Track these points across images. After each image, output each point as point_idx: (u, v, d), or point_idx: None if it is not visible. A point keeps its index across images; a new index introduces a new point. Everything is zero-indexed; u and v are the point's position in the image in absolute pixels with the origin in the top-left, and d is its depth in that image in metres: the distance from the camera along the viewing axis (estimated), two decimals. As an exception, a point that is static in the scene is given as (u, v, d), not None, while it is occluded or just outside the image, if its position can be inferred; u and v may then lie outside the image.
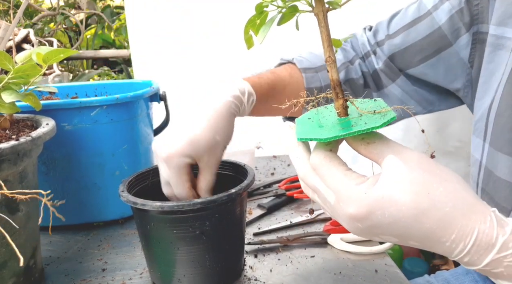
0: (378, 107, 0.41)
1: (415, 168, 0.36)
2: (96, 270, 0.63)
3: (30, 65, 0.56)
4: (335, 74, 0.40)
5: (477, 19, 0.64)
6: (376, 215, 0.36)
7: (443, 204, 0.35)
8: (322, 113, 0.45)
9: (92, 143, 0.72)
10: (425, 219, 0.35)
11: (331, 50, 0.40)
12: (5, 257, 0.52)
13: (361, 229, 0.38)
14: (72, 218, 0.76)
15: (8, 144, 0.49)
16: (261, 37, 0.40)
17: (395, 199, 0.35)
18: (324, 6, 0.39)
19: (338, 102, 0.41)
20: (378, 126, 0.36)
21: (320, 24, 0.39)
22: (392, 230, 0.36)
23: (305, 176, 0.41)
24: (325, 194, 0.39)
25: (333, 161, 0.39)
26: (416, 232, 0.36)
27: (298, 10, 0.40)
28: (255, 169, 1.01)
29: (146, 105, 0.79)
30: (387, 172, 0.36)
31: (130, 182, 0.59)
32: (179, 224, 0.52)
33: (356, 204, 0.36)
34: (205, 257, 0.54)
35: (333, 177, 0.38)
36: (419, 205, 0.35)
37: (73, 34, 3.06)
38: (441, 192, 0.35)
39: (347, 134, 0.37)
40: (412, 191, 0.35)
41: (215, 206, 0.52)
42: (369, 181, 0.37)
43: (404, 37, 0.72)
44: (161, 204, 0.51)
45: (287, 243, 0.67)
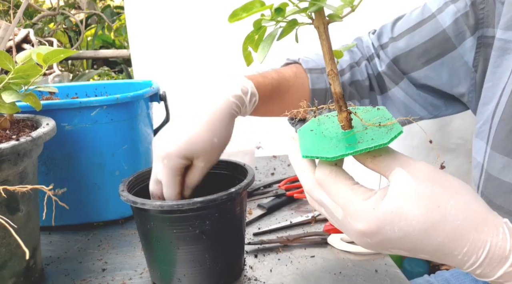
0: (382, 118, 0.40)
1: (423, 180, 0.35)
2: (96, 270, 0.63)
3: (30, 65, 0.56)
4: (337, 87, 0.39)
5: (483, 23, 0.64)
6: (385, 230, 0.35)
7: (454, 217, 0.34)
8: (324, 124, 0.44)
9: (92, 143, 0.72)
10: (436, 233, 0.34)
11: (333, 63, 0.39)
12: (5, 257, 0.52)
13: (371, 244, 0.37)
14: (72, 218, 0.76)
15: (9, 144, 0.49)
16: (262, 56, 0.38)
17: (404, 213, 0.35)
18: (324, 19, 0.38)
19: (342, 115, 0.40)
20: (386, 143, 0.35)
21: (321, 37, 0.38)
22: (403, 245, 0.36)
23: (311, 190, 0.41)
24: (332, 209, 0.39)
25: (339, 175, 0.39)
26: (427, 246, 0.35)
27: (297, 23, 0.38)
28: (255, 169, 1.01)
29: (146, 105, 0.79)
30: (395, 186, 0.36)
31: (130, 182, 0.59)
32: (179, 223, 0.52)
33: (365, 220, 0.36)
34: (205, 256, 0.54)
35: (340, 192, 0.38)
36: (429, 219, 0.34)
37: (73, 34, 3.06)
38: (451, 205, 0.35)
39: (354, 152, 0.36)
40: (422, 205, 0.34)
41: (215, 205, 0.52)
42: (377, 196, 0.36)
43: (408, 40, 0.71)
44: (161, 203, 0.51)
45: (287, 243, 0.67)
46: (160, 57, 1.29)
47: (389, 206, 0.35)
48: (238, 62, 1.33)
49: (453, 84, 0.71)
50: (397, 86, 0.75)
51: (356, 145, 0.37)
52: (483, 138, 0.62)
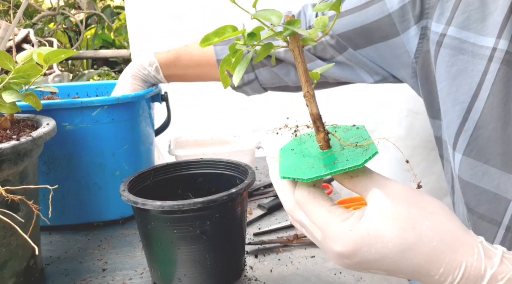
0: (360, 138, 0.40)
1: (399, 201, 0.36)
2: (96, 270, 0.63)
3: (30, 65, 0.56)
4: (314, 108, 0.40)
5: (428, 13, 0.62)
6: (362, 252, 0.36)
7: (430, 238, 0.35)
8: (305, 143, 0.45)
9: (93, 143, 0.72)
10: (412, 255, 0.35)
11: (309, 85, 0.39)
12: (5, 257, 0.52)
13: (349, 265, 0.38)
14: (72, 218, 0.76)
15: (9, 144, 0.49)
16: (237, 79, 0.39)
17: (380, 235, 0.35)
18: (299, 42, 0.39)
19: (320, 135, 0.41)
20: (360, 165, 0.36)
21: (297, 60, 0.39)
22: (380, 266, 0.36)
23: (291, 211, 0.41)
24: (312, 230, 0.39)
25: (317, 197, 0.39)
26: (404, 267, 0.35)
27: (273, 46, 0.39)
28: (255, 169, 1.01)
29: (148, 105, 0.79)
30: (372, 207, 0.36)
31: (131, 182, 0.59)
32: (179, 223, 0.52)
33: (342, 242, 0.36)
34: (206, 256, 0.54)
35: (318, 214, 0.38)
36: (405, 241, 0.35)
37: (73, 34, 3.06)
38: (427, 226, 0.35)
39: (328, 173, 0.37)
40: (398, 227, 0.35)
41: (215, 205, 0.52)
42: (354, 217, 0.37)
43: (353, 19, 0.69)
44: (161, 203, 0.51)
45: (287, 243, 0.67)
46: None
47: (366, 228, 0.36)
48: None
49: (395, 67, 0.70)
50: (341, 55, 0.73)
51: (332, 166, 0.37)
52: (449, 142, 0.61)
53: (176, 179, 0.65)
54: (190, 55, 0.85)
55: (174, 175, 0.65)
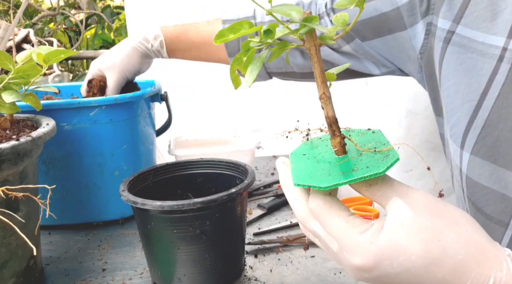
0: (378, 143, 0.38)
1: (422, 212, 0.34)
2: (96, 270, 0.63)
3: (30, 65, 0.56)
4: (330, 111, 0.38)
5: (433, 9, 0.62)
6: (383, 266, 0.34)
7: (455, 251, 0.33)
8: (317, 147, 0.42)
9: (91, 143, 0.72)
10: (436, 269, 0.33)
11: (325, 86, 0.37)
12: (5, 257, 0.52)
13: (368, 279, 0.36)
14: (72, 218, 0.76)
15: (9, 144, 0.49)
16: (250, 80, 0.36)
17: (403, 248, 0.33)
18: (316, 41, 0.36)
19: (335, 140, 0.39)
20: (382, 172, 0.34)
21: (313, 59, 0.37)
22: (401, 280, 0.34)
23: (304, 220, 0.39)
24: (327, 241, 0.37)
25: (333, 206, 0.37)
26: (427, 282, 0.34)
27: (288, 45, 0.37)
28: (255, 169, 1.01)
29: (147, 105, 0.79)
30: (392, 218, 0.34)
31: (130, 182, 0.59)
32: (179, 223, 0.52)
33: (362, 255, 0.34)
34: (206, 256, 0.54)
35: (335, 225, 0.36)
36: (429, 254, 0.33)
37: (73, 34, 3.05)
38: (452, 238, 0.33)
39: (348, 181, 0.34)
40: (421, 239, 0.33)
41: (215, 205, 0.52)
42: (374, 228, 0.35)
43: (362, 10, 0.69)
44: (161, 203, 0.51)
45: (287, 243, 0.67)
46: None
47: (387, 240, 0.34)
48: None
49: (402, 61, 0.69)
50: (348, 45, 0.72)
51: (350, 173, 0.35)
52: (456, 141, 0.60)
53: (176, 179, 0.65)
54: (197, 32, 0.83)
55: (174, 175, 0.65)
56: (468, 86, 0.58)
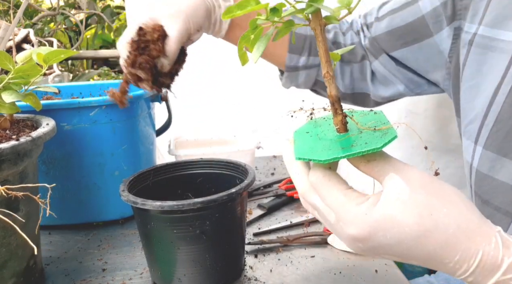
0: (378, 122, 0.40)
1: (417, 187, 0.35)
2: (96, 270, 0.63)
3: (30, 65, 0.56)
4: (333, 90, 0.39)
5: (460, 14, 0.64)
6: (377, 236, 0.35)
7: (447, 226, 0.34)
8: (320, 126, 0.44)
9: (91, 143, 0.72)
10: (428, 241, 0.34)
11: (329, 66, 0.39)
12: (5, 257, 0.52)
13: (363, 249, 0.37)
14: (72, 218, 0.76)
15: (8, 144, 0.49)
16: (256, 55, 0.38)
17: (397, 220, 0.35)
18: (321, 20, 0.37)
19: (337, 118, 0.40)
20: (379, 148, 0.35)
21: (318, 39, 0.38)
22: (395, 251, 0.36)
23: (304, 193, 0.41)
24: (325, 213, 0.39)
25: (332, 179, 0.38)
26: (419, 253, 0.35)
27: (294, 24, 0.38)
28: (255, 169, 1.01)
29: (147, 105, 0.79)
30: (389, 192, 0.36)
31: (130, 182, 0.59)
32: (179, 223, 0.52)
33: (357, 225, 0.36)
34: (206, 256, 0.54)
35: (333, 196, 0.38)
36: (422, 227, 0.34)
37: (73, 34, 3.06)
38: (444, 213, 0.35)
39: (346, 155, 0.36)
40: (415, 212, 0.34)
41: (215, 205, 0.52)
42: (370, 201, 0.36)
43: (390, 21, 0.72)
44: (161, 203, 0.51)
45: (287, 243, 0.67)
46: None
47: (382, 212, 0.35)
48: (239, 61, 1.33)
49: (428, 69, 0.71)
50: (377, 60, 0.75)
51: (349, 148, 0.37)
52: (470, 138, 0.62)
53: (176, 179, 0.65)
54: None
55: (174, 175, 0.65)
56: (485, 83, 0.59)
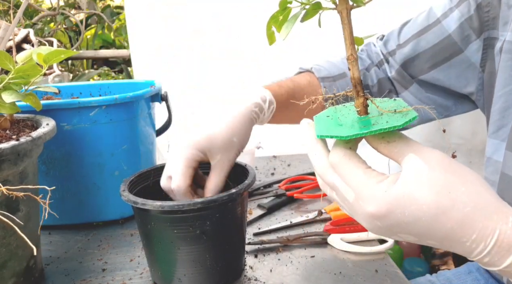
0: (398, 106, 0.41)
1: (436, 167, 0.36)
2: (96, 270, 0.63)
3: (30, 65, 0.56)
4: (356, 72, 0.40)
5: (488, 25, 0.65)
6: (396, 214, 0.36)
7: (464, 204, 0.35)
8: (341, 111, 0.45)
9: (91, 143, 0.72)
10: (445, 219, 0.35)
11: (353, 48, 0.39)
12: (5, 257, 0.52)
13: (380, 228, 0.38)
14: (72, 218, 0.76)
15: (9, 144, 0.49)
16: (284, 34, 0.40)
17: (415, 198, 0.35)
18: (348, 4, 0.38)
19: (359, 100, 0.41)
20: (401, 125, 0.36)
21: (343, 22, 0.39)
22: (412, 229, 0.36)
23: (323, 173, 0.41)
24: (344, 192, 0.39)
25: (353, 159, 0.39)
26: (436, 232, 0.35)
27: (321, 7, 0.39)
28: (255, 169, 1.01)
29: (147, 105, 0.79)
30: (408, 171, 0.36)
31: (131, 182, 0.59)
32: (179, 223, 0.52)
33: (376, 202, 0.36)
34: (206, 256, 0.54)
35: (353, 175, 0.38)
36: (440, 205, 0.35)
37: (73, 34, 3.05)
38: (462, 192, 0.35)
39: (368, 132, 0.37)
40: (433, 191, 0.35)
41: (215, 205, 0.52)
42: (389, 180, 0.37)
43: (414, 46, 0.73)
44: (161, 203, 0.51)
45: (287, 243, 0.67)
46: (160, 57, 1.29)
47: (401, 190, 0.35)
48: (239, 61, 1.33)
49: (462, 84, 0.72)
50: (407, 90, 0.76)
51: (370, 126, 0.37)
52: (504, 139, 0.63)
53: None
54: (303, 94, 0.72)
55: None
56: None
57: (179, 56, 1.28)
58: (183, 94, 1.26)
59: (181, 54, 1.28)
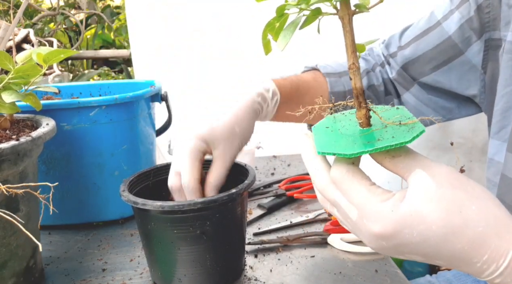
0: (402, 117, 0.39)
1: (445, 183, 0.34)
2: (96, 270, 0.63)
3: (30, 65, 0.56)
4: (358, 82, 0.38)
5: (489, 26, 0.65)
6: (403, 234, 0.34)
7: (476, 223, 0.33)
8: (340, 121, 0.42)
9: (91, 143, 0.72)
10: (456, 239, 0.33)
11: (355, 57, 0.37)
12: (5, 257, 0.52)
13: (386, 248, 0.36)
14: (72, 218, 0.76)
15: (9, 144, 0.49)
16: (283, 44, 0.36)
17: (424, 217, 0.33)
18: (350, 9, 0.36)
19: (361, 111, 0.39)
20: (408, 141, 0.34)
21: (345, 29, 0.37)
22: (420, 250, 0.35)
23: (324, 189, 0.39)
24: (347, 209, 0.38)
25: (356, 175, 0.37)
26: (446, 252, 0.34)
27: (321, 13, 0.37)
28: (255, 169, 1.01)
29: (147, 105, 0.79)
30: (415, 188, 0.34)
31: (131, 182, 0.59)
32: (179, 224, 0.52)
33: (382, 222, 0.35)
34: (206, 257, 0.54)
35: (357, 192, 0.36)
36: (450, 224, 0.33)
37: (73, 34, 3.06)
38: (473, 210, 0.33)
39: (374, 150, 0.34)
40: (443, 209, 0.33)
41: (215, 206, 0.52)
42: (396, 197, 0.35)
43: (415, 48, 0.73)
44: (161, 203, 0.51)
45: (287, 243, 0.67)
46: (161, 57, 1.29)
47: (409, 208, 0.34)
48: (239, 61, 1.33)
49: (463, 86, 0.72)
50: (408, 92, 0.76)
51: (375, 142, 0.35)
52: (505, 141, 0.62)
53: None
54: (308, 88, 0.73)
55: None
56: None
57: (179, 56, 1.28)
58: (183, 94, 1.26)
59: (181, 54, 1.28)
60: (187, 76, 1.29)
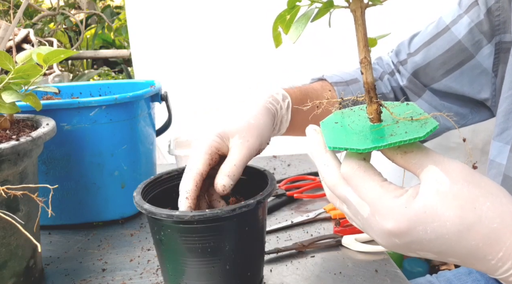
0: (414, 113, 0.38)
1: (458, 180, 0.33)
2: (96, 270, 0.63)
3: (30, 65, 0.56)
4: (369, 77, 0.37)
5: (499, 29, 0.65)
6: (417, 231, 0.33)
7: (491, 220, 0.32)
8: (349, 117, 0.41)
9: (91, 143, 0.72)
10: (470, 236, 0.33)
11: (367, 51, 0.36)
12: (5, 257, 0.52)
13: (398, 245, 0.35)
14: (72, 218, 0.76)
15: (9, 144, 0.49)
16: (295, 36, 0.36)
17: (438, 214, 0.33)
18: (362, 2, 0.35)
19: (372, 106, 0.38)
20: (422, 137, 0.33)
21: (357, 22, 0.36)
22: (433, 247, 0.34)
23: (334, 185, 0.38)
24: (358, 206, 0.37)
25: (368, 171, 0.36)
26: (460, 249, 0.33)
27: (333, 5, 0.36)
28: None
29: (147, 105, 0.79)
30: (428, 184, 0.34)
31: (147, 186, 0.54)
32: (193, 234, 0.47)
33: (395, 219, 0.34)
34: (226, 268, 0.50)
35: (369, 188, 0.36)
36: (464, 221, 0.32)
37: (73, 34, 3.06)
38: (488, 207, 0.33)
39: (387, 144, 0.34)
40: (457, 205, 0.33)
41: (233, 216, 0.47)
42: (409, 194, 0.34)
43: (425, 54, 0.72)
44: (172, 213, 0.46)
45: (302, 249, 0.65)
46: (161, 57, 1.29)
47: (422, 205, 0.33)
48: (239, 61, 1.33)
49: (476, 90, 0.71)
50: (420, 98, 0.76)
51: (388, 137, 0.35)
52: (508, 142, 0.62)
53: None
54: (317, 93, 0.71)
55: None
56: None
57: (179, 56, 1.28)
58: (183, 94, 1.26)
59: (181, 54, 1.28)
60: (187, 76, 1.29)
